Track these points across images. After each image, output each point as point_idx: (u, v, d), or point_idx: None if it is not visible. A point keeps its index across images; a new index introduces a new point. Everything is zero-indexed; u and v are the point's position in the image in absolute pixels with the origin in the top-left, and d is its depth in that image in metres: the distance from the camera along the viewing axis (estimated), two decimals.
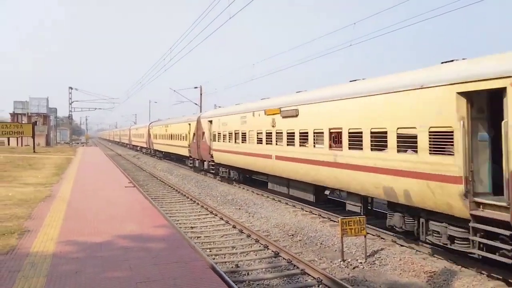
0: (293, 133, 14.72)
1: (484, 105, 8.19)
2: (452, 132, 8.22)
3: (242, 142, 19.81)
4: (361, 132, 11.11)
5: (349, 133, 11.66)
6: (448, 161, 8.30)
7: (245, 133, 19.57)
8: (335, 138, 12.50)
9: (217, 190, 20.95)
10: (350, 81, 12.81)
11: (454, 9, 12.28)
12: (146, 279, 6.40)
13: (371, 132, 10.71)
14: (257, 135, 17.92)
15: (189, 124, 30.42)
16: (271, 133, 16.54)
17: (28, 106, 72.98)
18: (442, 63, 9.20)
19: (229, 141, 21.45)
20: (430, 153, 8.79)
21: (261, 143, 17.47)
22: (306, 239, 11.72)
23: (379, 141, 10.44)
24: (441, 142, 8.57)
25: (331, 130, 12.61)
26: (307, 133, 13.84)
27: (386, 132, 10.11)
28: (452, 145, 8.24)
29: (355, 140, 11.39)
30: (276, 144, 16.08)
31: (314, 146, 13.46)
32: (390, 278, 8.71)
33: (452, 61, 9.00)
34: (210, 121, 25.09)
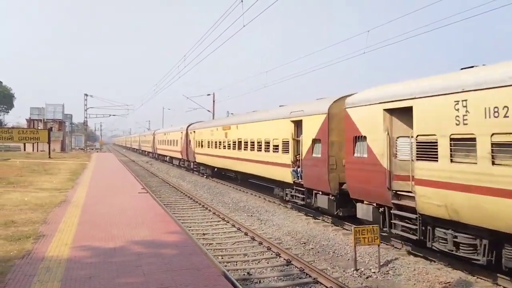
0: None
1: None
2: None
3: None
4: None
5: None
6: None
7: None
8: None
9: (229, 197, 20.96)
10: None
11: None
12: (159, 285, 6.44)
13: None
14: None
15: (315, 117, 14.64)
16: None
17: (44, 112, 74.42)
18: None
19: None
20: None
21: None
22: (319, 248, 11.64)
23: None
24: None
25: None
26: None
27: None
28: None
29: None
30: None
31: None
32: None
33: None
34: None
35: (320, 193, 14.32)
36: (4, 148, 56.70)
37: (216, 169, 29.14)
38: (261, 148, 19.41)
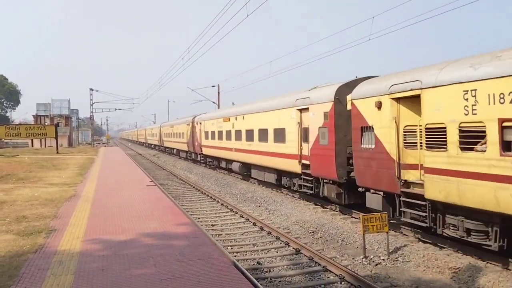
0: None
1: None
2: None
3: None
4: None
5: None
6: None
7: None
8: None
9: (236, 188, 21.04)
10: None
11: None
12: (170, 275, 6.52)
13: None
14: None
15: None
16: None
17: (50, 108, 74.68)
18: None
19: None
20: None
21: None
22: (327, 236, 11.69)
23: None
24: None
25: None
26: None
27: None
28: None
29: None
30: None
31: None
32: (413, 274, 8.63)
33: None
34: None
35: None
36: (12, 145, 57.22)
37: None
38: None
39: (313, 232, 12.22)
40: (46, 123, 64.06)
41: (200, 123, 32.05)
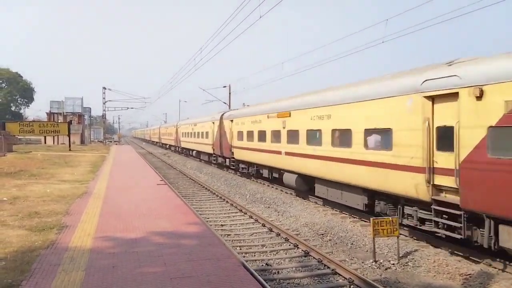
0: None
1: None
2: None
3: None
4: None
5: None
6: None
7: None
8: None
9: (246, 189, 21.05)
10: None
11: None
12: (180, 274, 6.56)
13: None
14: None
15: None
16: None
17: (63, 105, 75.65)
18: None
19: None
20: None
21: None
22: (337, 239, 11.64)
23: None
24: None
25: None
26: None
27: None
28: None
29: None
30: None
31: None
32: (423, 280, 8.55)
33: None
34: None
35: None
36: (25, 141, 58.04)
37: None
38: None
39: (322, 234, 12.18)
40: (59, 121, 64.82)
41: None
